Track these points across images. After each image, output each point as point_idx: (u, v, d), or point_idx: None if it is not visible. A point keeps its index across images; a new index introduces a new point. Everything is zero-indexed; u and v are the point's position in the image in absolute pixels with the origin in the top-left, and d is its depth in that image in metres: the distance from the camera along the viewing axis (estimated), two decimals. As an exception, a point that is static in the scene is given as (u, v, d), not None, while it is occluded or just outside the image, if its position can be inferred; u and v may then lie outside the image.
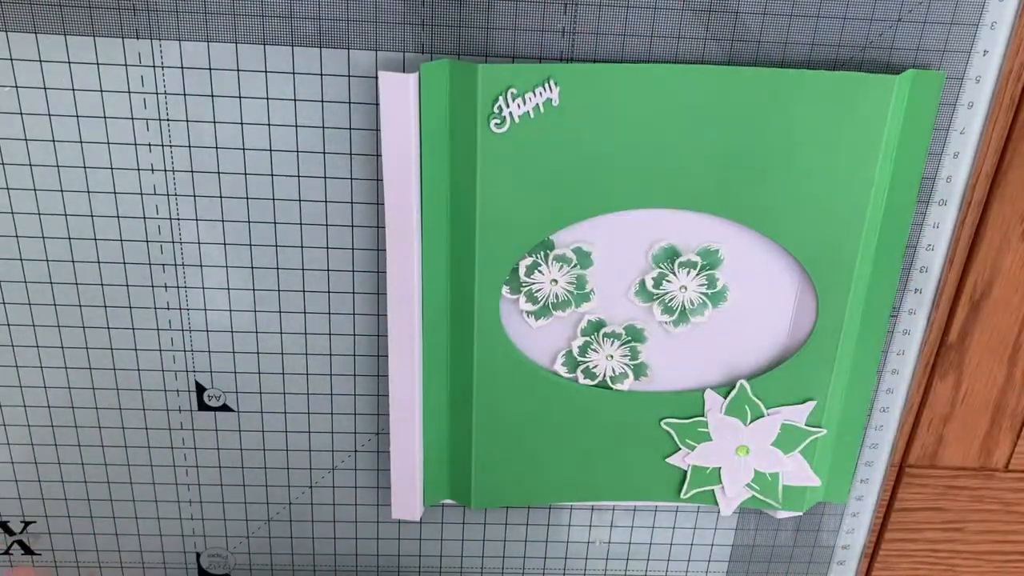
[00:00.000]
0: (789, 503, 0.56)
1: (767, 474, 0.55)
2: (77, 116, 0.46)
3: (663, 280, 0.49)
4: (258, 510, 0.57)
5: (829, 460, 0.55)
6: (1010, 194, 0.50)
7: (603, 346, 0.51)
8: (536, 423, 0.52)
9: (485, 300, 0.49)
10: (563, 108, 0.44)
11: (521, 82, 0.43)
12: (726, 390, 0.52)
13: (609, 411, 0.52)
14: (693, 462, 0.54)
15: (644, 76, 0.44)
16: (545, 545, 0.60)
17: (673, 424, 0.53)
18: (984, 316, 0.53)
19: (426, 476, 0.54)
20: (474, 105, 0.44)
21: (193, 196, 0.48)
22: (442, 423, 0.53)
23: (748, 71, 0.44)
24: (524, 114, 0.44)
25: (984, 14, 0.46)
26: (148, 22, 0.44)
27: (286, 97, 0.46)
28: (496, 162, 0.45)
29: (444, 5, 0.44)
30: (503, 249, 0.48)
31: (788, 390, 0.52)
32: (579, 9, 0.45)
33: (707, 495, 0.55)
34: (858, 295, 0.50)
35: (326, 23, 0.44)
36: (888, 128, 0.46)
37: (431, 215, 0.47)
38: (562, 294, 0.49)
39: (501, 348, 0.50)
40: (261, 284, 0.50)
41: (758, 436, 0.53)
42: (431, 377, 0.51)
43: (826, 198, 0.47)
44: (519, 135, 0.44)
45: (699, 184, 0.46)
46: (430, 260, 0.48)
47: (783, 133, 0.45)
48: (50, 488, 0.56)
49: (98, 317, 0.51)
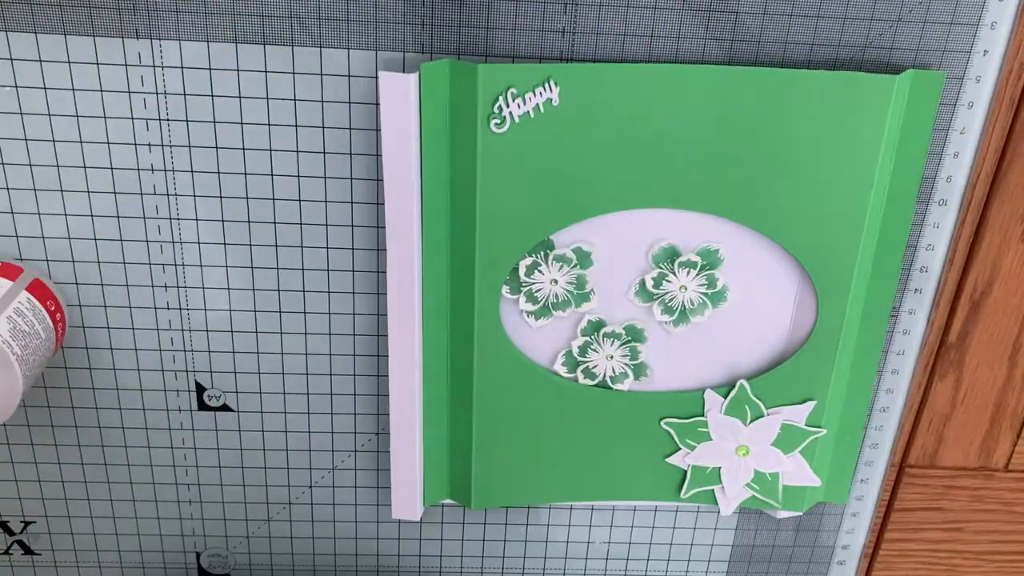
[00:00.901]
0: (789, 503, 0.56)
1: (767, 474, 0.55)
2: (77, 116, 0.46)
3: (663, 280, 0.49)
4: (258, 510, 0.57)
5: (829, 460, 0.55)
6: (1010, 194, 0.50)
7: (603, 346, 0.51)
8: (536, 423, 0.52)
9: (485, 300, 0.49)
10: (563, 108, 0.44)
11: (521, 82, 0.43)
12: (726, 390, 0.52)
13: (609, 411, 0.52)
14: (693, 462, 0.54)
15: (644, 76, 0.44)
16: (545, 545, 0.60)
17: (673, 424, 0.53)
18: (984, 316, 0.53)
19: (426, 476, 0.54)
20: (474, 105, 0.44)
21: (193, 196, 0.48)
22: (442, 423, 0.53)
23: (748, 71, 0.44)
24: (524, 114, 0.44)
25: (984, 14, 0.46)
26: (148, 22, 0.44)
27: (286, 97, 0.46)
28: (496, 162, 0.45)
29: (444, 5, 0.44)
30: (503, 249, 0.47)
31: (788, 390, 0.52)
32: (579, 9, 0.45)
33: (707, 495, 0.55)
34: (858, 295, 0.50)
35: (326, 23, 0.44)
36: (888, 128, 0.46)
37: (431, 215, 0.47)
38: (562, 294, 0.49)
39: (501, 348, 0.50)
40: (261, 284, 0.50)
41: (758, 436, 0.53)
42: (431, 377, 0.51)
43: (826, 198, 0.47)
44: (519, 135, 0.44)
45: (699, 184, 0.46)
46: (430, 260, 0.48)
47: (783, 133, 0.45)
48: (50, 488, 0.56)
49: (98, 317, 0.51)
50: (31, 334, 0.46)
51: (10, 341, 0.44)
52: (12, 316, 0.45)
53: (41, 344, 0.47)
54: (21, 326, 0.45)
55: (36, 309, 0.47)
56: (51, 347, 0.48)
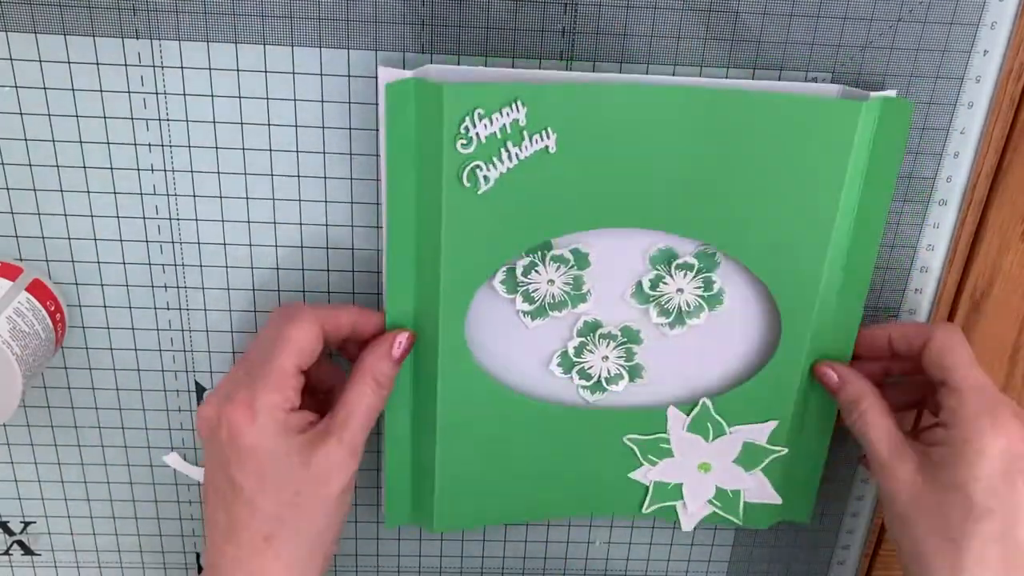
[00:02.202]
0: (751, 520, 0.56)
1: (729, 491, 0.55)
2: (77, 116, 0.46)
3: (660, 282, 0.49)
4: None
5: (790, 480, 0.55)
6: (1010, 194, 0.50)
7: (598, 347, 0.51)
8: (498, 443, 0.52)
9: (449, 324, 0.47)
10: (530, 129, 0.43)
11: (488, 102, 0.43)
12: (689, 408, 0.52)
13: (571, 428, 0.52)
14: (655, 478, 0.54)
15: (607, 96, 0.43)
16: (545, 545, 0.60)
17: (636, 440, 0.53)
18: (984, 316, 0.53)
19: (389, 497, 0.53)
20: (440, 126, 0.43)
21: (193, 196, 0.48)
22: (405, 445, 0.52)
23: (713, 91, 0.43)
24: (491, 135, 0.44)
25: (984, 14, 0.46)
26: (148, 22, 0.44)
27: (286, 97, 0.46)
28: (461, 183, 0.44)
29: (444, 5, 0.44)
30: (468, 273, 0.47)
31: (750, 409, 0.52)
32: (579, 9, 0.45)
33: (669, 511, 0.55)
34: (823, 320, 0.49)
35: (326, 23, 0.44)
36: (854, 154, 0.45)
37: (396, 236, 0.46)
38: (559, 295, 0.49)
39: (465, 371, 0.49)
40: (261, 284, 0.50)
41: (720, 453, 0.53)
42: (396, 399, 0.50)
43: (790, 222, 0.46)
44: (485, 155, 0.44)
45: (663, 204, 0.46)
46: (395, 277, 0.47)
47: (747, 154, 0.45)
48: (50, 488, 0.56)
49: (98, 317, 0.51)
50: (31, 334, 0.46)
51: (10, 341, 0.44)
52: (12, 316, 0.45)
53: (41, 344, 0.47)
54: (21, 326, 0.45)
55: (36, 309, 0.47)
56: (51, 347, 0.48)
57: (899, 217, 0.50)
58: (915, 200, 0.50)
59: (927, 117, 0.48)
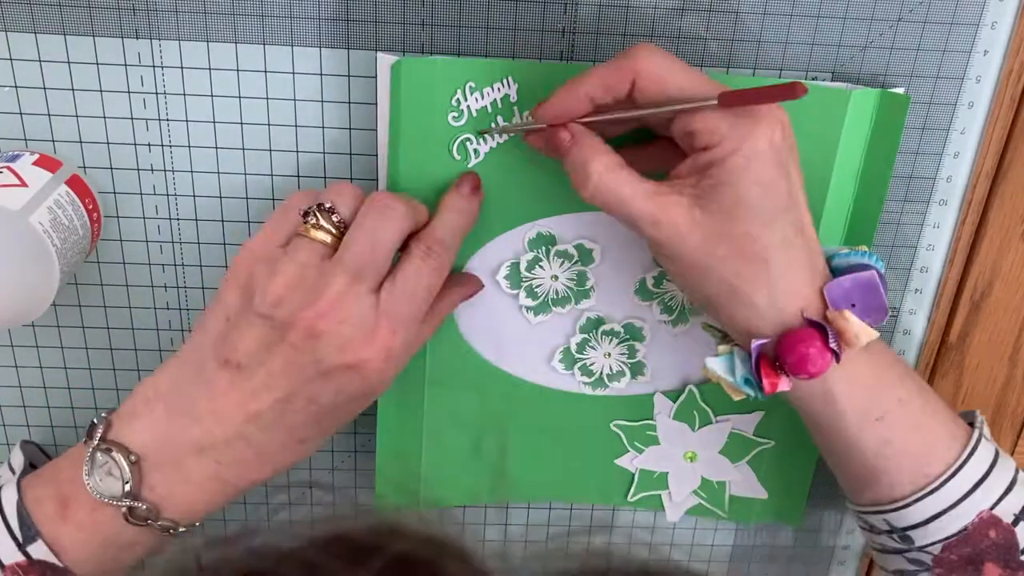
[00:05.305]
0: (736, 514, 0.56)
1: (714, 482, 0.55)
2: (77, 116, 0.46)
3: (664, 279, 0.49)
4: (258, 510, 0.57)
5: (782, 482, 0.55)
6: (1010, 194, 0.50)
7: (601, 344, 0.51)
8: (486, 423, 0.52)
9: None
10: (521, 105, 0.44)
11: (480, 76, 0.43)
12: (676, 394, 0.52)
13: (560, 412, 0.52)
14: (641, 465, 0.54)
15: None
16: (545, 545, 0.60)
17: (623, 426, 0.53)
18: (984, 316, 0.53)
19: (379, 479, 0.54)
20: (432, 98, 0.43)
21: (193, 196, 0.48)
22: (391, 426, 0.52)
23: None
24: (482, 108, 0.44)
25: (984, 14, 0.46)
26: (148, 22, 0.44)
27: (286, 97, 0.46)
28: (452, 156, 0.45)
29: (444, 5, 0.44)
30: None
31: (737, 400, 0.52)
32: (579, 9, 0.45)
33: (654, 499, 0.55)
34: None
35: (326, 23, 0.44)
36: (844, 145, 0.45)
37: None
38: (562, 290, 0.49)
39: (455, 348, 0.49)
40: (261, 284, 0.50)
41: (706, 443, 0.53)
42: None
43: None
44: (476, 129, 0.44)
45: None
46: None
47: None
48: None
49: (98, 317, 0.51)
50: (70, 228, 0.44)
51: (51, 231, 0.42)
52: (52, 207, 0.43)
53: (78, 241, 0.44)
54: (61, 219, 0.43)
55: (75, 204, 0.45)
56: (86, 246, 0.46)
57: (899, 217, 0.50)
58: (915, 200, 0.50)
59: (927, 117, 0.48)
